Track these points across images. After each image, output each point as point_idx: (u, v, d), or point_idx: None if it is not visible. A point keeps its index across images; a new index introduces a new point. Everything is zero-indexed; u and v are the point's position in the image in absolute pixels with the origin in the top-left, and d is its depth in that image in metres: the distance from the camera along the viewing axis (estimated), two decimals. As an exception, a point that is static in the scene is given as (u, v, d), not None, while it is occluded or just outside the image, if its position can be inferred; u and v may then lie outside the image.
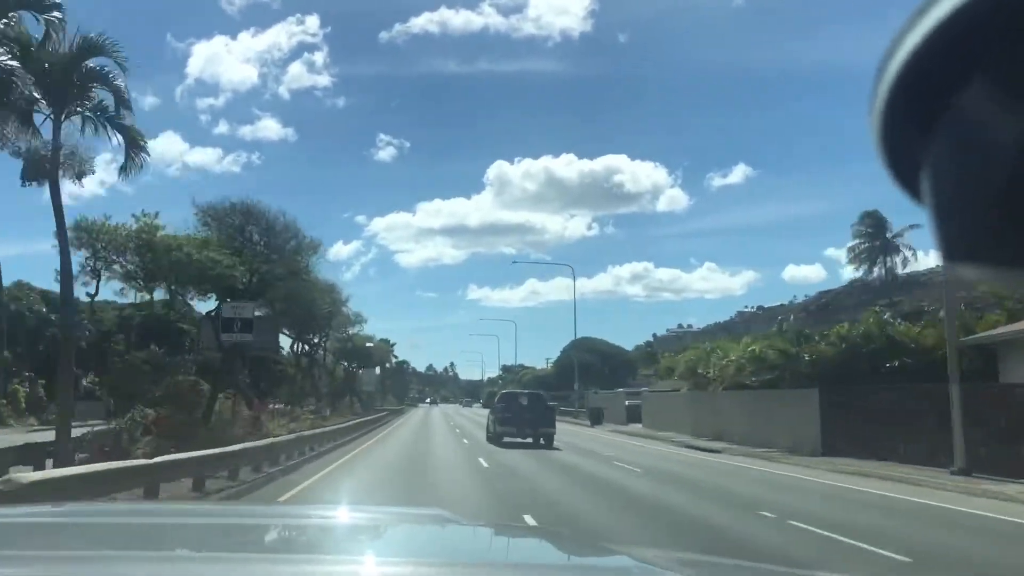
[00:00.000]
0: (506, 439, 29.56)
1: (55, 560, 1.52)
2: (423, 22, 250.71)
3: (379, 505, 6.04)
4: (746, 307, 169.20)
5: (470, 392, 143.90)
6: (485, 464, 21.27)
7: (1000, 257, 0.67)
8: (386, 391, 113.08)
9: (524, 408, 30.78)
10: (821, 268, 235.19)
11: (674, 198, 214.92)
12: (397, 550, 1.98)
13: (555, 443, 29.44)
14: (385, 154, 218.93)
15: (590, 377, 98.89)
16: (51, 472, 10.49)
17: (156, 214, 25.78)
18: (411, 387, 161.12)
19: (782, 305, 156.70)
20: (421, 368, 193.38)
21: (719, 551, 7.57)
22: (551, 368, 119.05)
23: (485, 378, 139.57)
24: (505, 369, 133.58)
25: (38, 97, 16.19)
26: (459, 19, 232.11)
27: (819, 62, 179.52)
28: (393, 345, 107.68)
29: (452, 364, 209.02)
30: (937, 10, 0.63)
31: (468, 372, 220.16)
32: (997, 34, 0.61)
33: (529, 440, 29.46)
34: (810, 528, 10.61)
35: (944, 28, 0.63)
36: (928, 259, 75.34)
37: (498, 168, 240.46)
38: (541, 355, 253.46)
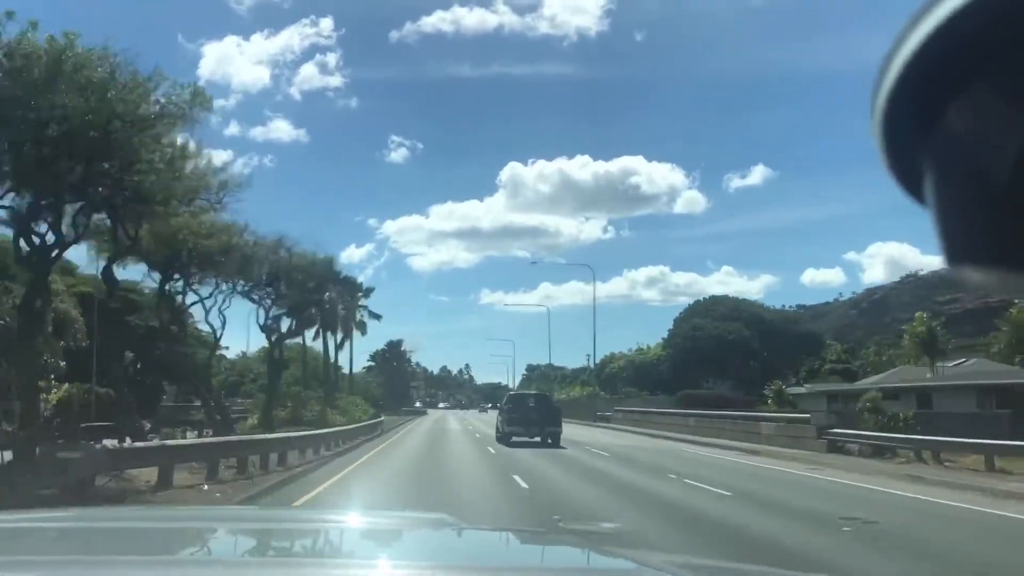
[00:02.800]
0: (514, 438, 31.89)
1: (61, 564, 1.58)
2: (436, 21, 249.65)
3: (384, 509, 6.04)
4: (784, 306, 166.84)
5: (487, 395, 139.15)
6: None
7: (1004, 260, 0.68)
8: (347, 387, 62.96)
9: (531, 409, 33.57)
10: (841, 272, 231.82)
11: (691, 200, 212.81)
12: (400, 554, 2.03)
13: None
14: (397, 155, 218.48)
15: (728, 362, 73.66)
16: None
17: None
18: (417, 388, 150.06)
19: (827, 303, 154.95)
20: (435, 370, 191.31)
21: None
22: (656, 353, 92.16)
23: (519, 377, 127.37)
24: (530, 369, 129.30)
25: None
26: (473, 18, 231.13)
27: (840, 63, 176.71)
28: (369, 290, 65.65)
29: (467, 366, 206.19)
30: (939, 10, 0.64)
31: (485, 375, 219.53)
32: (1000, 35, 0.63)
33: (537, 439, 31.56)
34: None
35: (946, 28, 0.64)
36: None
37: (511, 170, 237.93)
38: (567, 356, 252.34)
